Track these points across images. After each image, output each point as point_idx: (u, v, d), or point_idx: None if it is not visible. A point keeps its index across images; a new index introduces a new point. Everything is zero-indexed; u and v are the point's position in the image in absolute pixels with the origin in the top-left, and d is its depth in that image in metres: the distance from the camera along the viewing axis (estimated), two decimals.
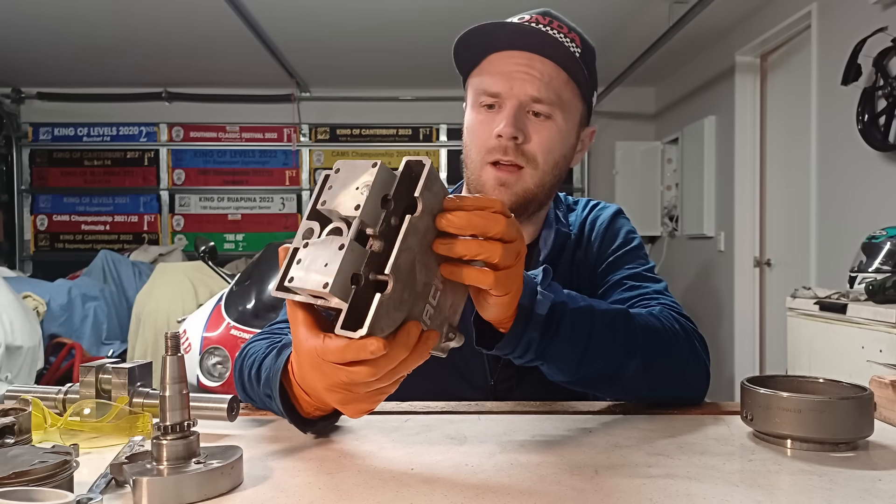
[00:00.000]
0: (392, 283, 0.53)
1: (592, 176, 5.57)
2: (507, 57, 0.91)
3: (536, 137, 0.91)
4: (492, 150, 0.91)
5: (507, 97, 0.90)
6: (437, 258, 0.58)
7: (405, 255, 0.54)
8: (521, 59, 0.90)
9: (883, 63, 2.62)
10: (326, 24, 4.00)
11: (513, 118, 0.89)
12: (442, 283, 0.59)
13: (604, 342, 0.75)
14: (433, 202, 0.56)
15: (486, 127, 0.92)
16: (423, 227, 0.56)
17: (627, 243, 1.02)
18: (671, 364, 0.81)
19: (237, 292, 3.18)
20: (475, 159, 0.94)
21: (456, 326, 0.62)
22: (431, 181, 0.56)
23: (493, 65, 0.92)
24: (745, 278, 4.05)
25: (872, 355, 1.98)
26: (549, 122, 0.92)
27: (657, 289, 0.95)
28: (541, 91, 0.90)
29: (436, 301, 0.59)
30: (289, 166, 5.57)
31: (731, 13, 3.75)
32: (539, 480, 0.59)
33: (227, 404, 0.73)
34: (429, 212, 0.56)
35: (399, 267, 0.54)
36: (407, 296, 0.56)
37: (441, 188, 0.57)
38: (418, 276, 0.57)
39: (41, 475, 0.51)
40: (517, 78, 0.90)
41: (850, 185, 2.92)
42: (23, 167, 5.51)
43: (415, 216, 0.55)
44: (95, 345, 4.03)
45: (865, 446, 0.68)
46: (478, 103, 0.94)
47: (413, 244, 0.55)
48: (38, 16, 3.87)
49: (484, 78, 0.93)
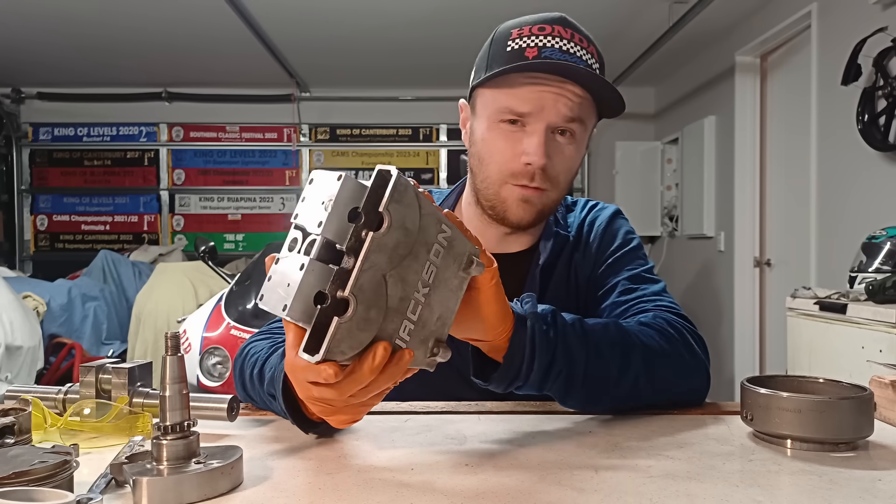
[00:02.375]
0: (353, 304, 0.51)
1: (592, 176, 5.57)
2: (535, 78, 0.88)
3: (560, 159, 0.90)
4: (517, 174, 0.90)
5: (537, 120, 0.88)
6: (416, 269, 0.55)
7: (369, 273, 0.52)
8: (552, 81, 0.87)
9: (883, 63, 2.62)
10: (326, 24, 4.00)
11: (543, 146, 0.88)
12: (425, 296, 0.56)
13: (609, 352, 0.75)
14: (405, 213, 0.53)
15: (510, 146, 0.90)
16: (393, 242, 0.53)
17: (626, 244, 1.02)
18: (669, 371, 0.81)
19: (237, 292, 3.18)
20: (493, 176, 0.92)
21: (444, 340, 0.59)
22: (400, 193, 0.53)
23: (522, 83, 0.88)
24: (745, 278, 4.05)
25: (872, 355, 1.98)
26: (573, 140, 0.91)
27: (655, 290, 0.94)
28: (573, 111, 0.88)
29: (416, 315, 0.56)
30: (289, 166, 5.57)
31: (731, 13, 3.75)
32: (539, 480, 0.59)
33: (227, 404, 0.73)
34: (399, 225, 0.53)
35: (361, 287, 0.52)
36: (374, 315, 0.53)
37: (414, 198, 0.54)
38: (391, 291, 0.54)
39: (41, 475, 0.51)
40: (549, 100, 0.87)
41: (850, 185, 2.92)
42: (23, 167, 5.51)
43: (379, 233, 0.52)
44: (95, 345, 4.04)
45: (865, 446, 0.68)
46: (497, 119, 0.91)
47: (379, 261, 0.53)
48: (38, 16, 3.87)
49: (509, 95, 0.89)
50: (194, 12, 3.79)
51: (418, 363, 0.58)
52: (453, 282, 0.59)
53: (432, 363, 0.60)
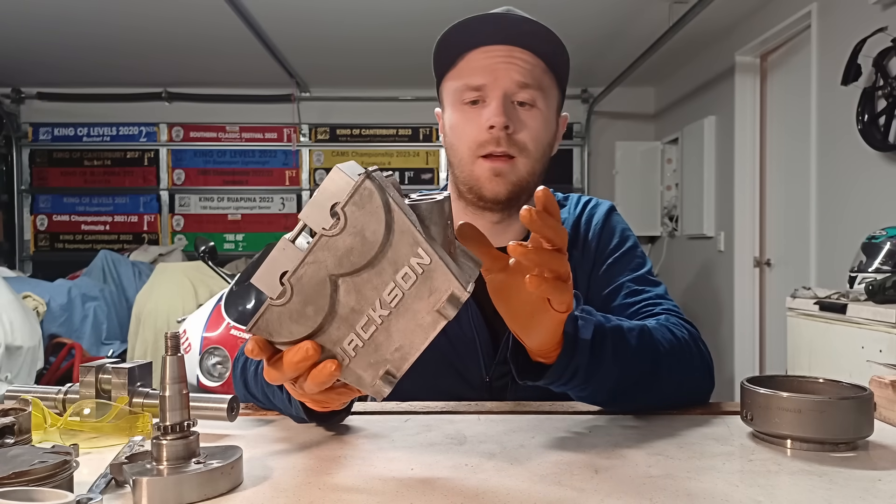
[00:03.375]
0: (287, 292, 0.52)
1: (592, 176, 5.57)
2: (486, 51, 0.92)
3: (525, 126, 0.92)
4: (483, 143, 0.92)
5: (492, 88, 0.91)
6: (376, 285, 0.53)
7: (311, 268, 0.52)
8: (501, 51, 0.91)
9: (883, 63, 2.62)
10: (326, 24, 4.00)
11: (502, 108, 0.90)
12: (382, 318, 0.54)
13: (637, 361, 0.76)
14: (365, 221, 0.52)
15: (473, 122, 0.93)
16: (345, 246, 0.52)
17: (624, 242, 1.02)
18: (686, 375, 0.83)
19: (237, 292, 3.18)
20: (465, 156, 0.94)
21: (397, 376, 0.56)
22: (363, 198, 0.51)
23: (473, 61, 0.93)
24: (745, 278, 4.05)
25: (872, 355, 1.98)
26: (535, 110, 0.93)
27: (659, 293, 0.96)
28: (525, 76, 0.91)
29: (367, 335, 0.54)
30: (289, 166, 5.57)
31: (731, 13, 3.75)
32: (539, 480, 0.59)
33: (227, 404, 0.73)
34: (356, 231, 0.52)
35: (300, 278, 0.52)
36: (311, 312, 0.53)
37: (380, 208, 0.51)
38: (342, 297, 0.53)
39: (41, 475, 0.51)
40: (500, 68, 0.91)
41: (850, 185, 2.92)
42: (23, 167, 5.51)
43: (328, 231, 0.52)
44: (95, 345, 4.03)
45: (865, 446, 0.68)
46: (460, 101, 0.94)
47: (326, 260, 0.52)
48: (38, 16, 3.87)
49: (464, 74, 0.93)
50: (194, 12, 3.79)
51: (362, 385, 0.56)
52: (424, 317, 0.54)
53: (378, 392, 0.57)
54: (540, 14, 0.95)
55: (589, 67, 4.87)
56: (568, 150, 5.56)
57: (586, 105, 5.47)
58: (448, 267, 0.53)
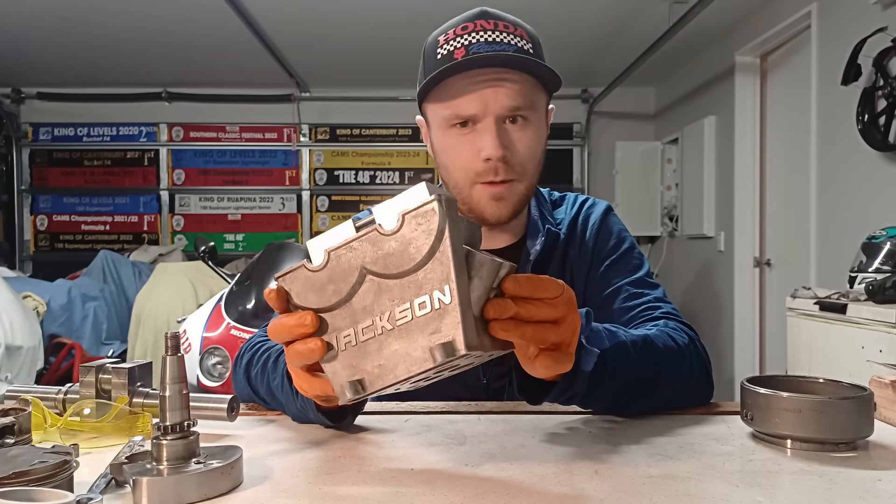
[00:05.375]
0: (322, 261, 0.55)
1: (592, 176, 5.57)
2: (470, 76, 0.88)
3: (521, 146, 0.91)
4: (481, 172, 0.90)
5: (484, 115, 0.89)
6: (394, 298, 0.54)
7: (352, 252, 0.54)
8: (488, 75, 0.88)
9: (883, 63, 2.62)
10: (326, 24, 4.00)
11: (497, 138, 0.88)
12: (383, 331, 0.54)
13: (637, 376, 0.77)
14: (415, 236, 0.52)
15: (467, 148, 0.91)
16: (388, 248, 0.53)
17: (621, 244, 1.02)
18: (686, 382, 0.84)
19: (237, 292, 3.18)
20: (461, 181, 0.93)
21: (367, 391, 0.55)
22: (425, 217, 0.52)
23: (459, 88, 0.89)
24: (745, 278, 4.05)
25: (872, 355, 1.98)
26: (527, 124, 0.91)
27: (657, 296, 0.96)
28: (515, 98, 0.89)
29: (363, 338, 0.55)
30: (289, 166, 5.57)
31: (731, 13, 3.75)
32: (539, 480, 0.59)
33: (227, 404, 0.73)
34: (403, 240, 0.52)
35: (339, 256, 0.55)
36: (331, 290, 0.55)
37: (435, 232, 0.52)
38: (362, 292, 0.54)
39: (41, 475, 0.51)
40: (489, 95, 0.88)
41: (850, 185, 2.92)
42: (23, 167, 5.51)
43: (381, 228, 0.53)
44: (95, 345, 4.03)
45: (865, 446, 0.68)
46: (448, 124, 0.91)
47: (367, 252, 0.54)
48: (38, 16, 3.87)
49: (452, 102, 0.89)
50: (194, 12, 3.79)
51: (333, 379, 0.56)
52: (416, 349, 0.53)
53: (342, 394, 0.56)
54: (540, 14, 0.95)
55: (589, 67, 4.87)
56: (568, 150, 5.56)
57: (586, 105, 5.47)
58: (463, 316, 0.52)
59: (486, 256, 0.56)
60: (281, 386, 0.76)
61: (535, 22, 1.01)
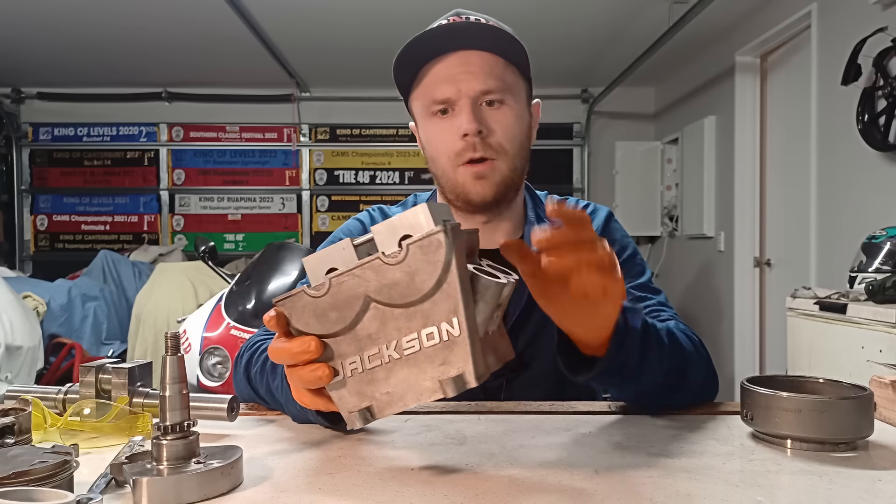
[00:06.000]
0: (324, 289, 0.54)
1: (592, 176, 5.56)
2: (442, 62, 0.92)
3: (497, 127, 0.92)
4: (460, 151, 0.92)
5: (458, 97, 0.91)
6: (400, 327, 0.54)
7: (354, 280, 0.53)
8: (458, 59, 0.91)
9: (883, 63, 2.62)
10: (326, 24, 4.00)
11: (472, 114, 0.91)
12: (390, 359, 0.54)
13: (671, 360, 0.77)
14: (420, 266, 0.52)
15: (447, 132, 0.93)
16: (391, 277, 0.52)
17: (624, 250, 1.03)
18: (702, 378, 0.85)
19: (237, 292, 3.18)
20: (446, 166, 0.95)
21: (374, 416, 0.57)
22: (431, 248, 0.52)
23: (432, 74, 0.93)
24: (745, 278, 4.05)
25: (872, 355, 1.98)
26: (504, 107, 0.93)
27: (660, 300, 0.97)
28: (487, 82, 0.91)
29: (370, 366, 0.55)
30: (289, 166, 5.57)
31: (731, 13, 3.75)
32: (539, 480, 0.59)
33: (227, 404, 0.73)
34: (408, 270, 0.52)
35: (340, 284, 0.54)
36: (334, 318, 0.54)
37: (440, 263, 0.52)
38: (366, 320, 0.54)
39: (41, 475, 0.51)
40: (462, 77, 0.91)
41: (850, 185, 2.92)
42: (23, 167, 5.51)
43: (386, 258, 0.53)
44: (95, 345, 4.03)
45: (865, 446, 0.68)
46: (429, 114, 0.95)
47: (370, 280, 0.53)
48: (38, 16, 3.87)
49: (428, 89, 0.93)
50: (194, 12, 3.79)
51: (340, 405, 0.57)
52: (426, 380, 0.54)
53: (350, 421, 0.57)
54: (540, 14, 0.95)
55: (589, 67, 4.87)
56: (568, 150, 5.56)
57: (586, 105, 5.47)
58: (472, 349, 0.52)
59: (491, 280, 0.55)
60: (280, 387, 0.76)
61: (535, 22, 1.02)
